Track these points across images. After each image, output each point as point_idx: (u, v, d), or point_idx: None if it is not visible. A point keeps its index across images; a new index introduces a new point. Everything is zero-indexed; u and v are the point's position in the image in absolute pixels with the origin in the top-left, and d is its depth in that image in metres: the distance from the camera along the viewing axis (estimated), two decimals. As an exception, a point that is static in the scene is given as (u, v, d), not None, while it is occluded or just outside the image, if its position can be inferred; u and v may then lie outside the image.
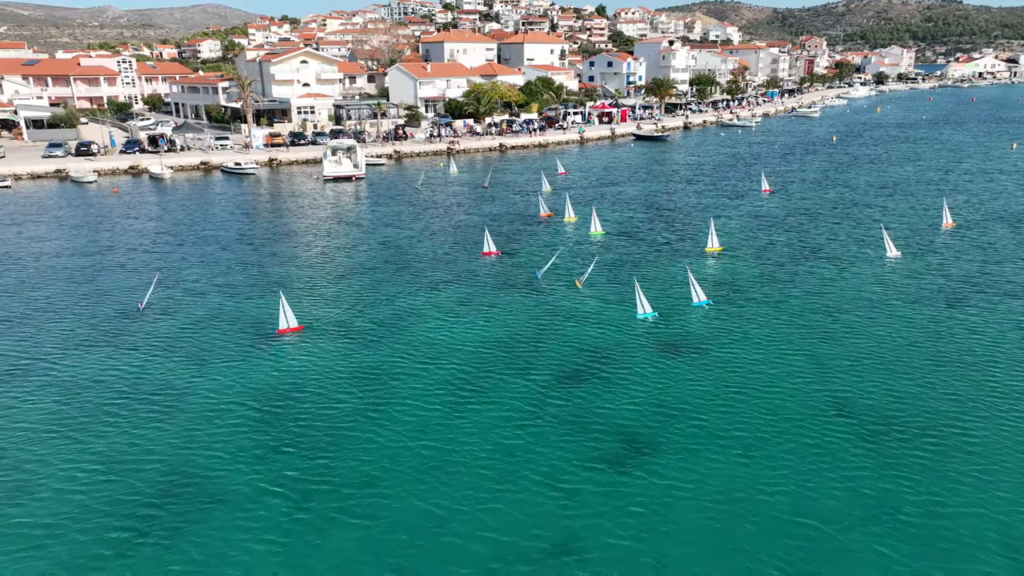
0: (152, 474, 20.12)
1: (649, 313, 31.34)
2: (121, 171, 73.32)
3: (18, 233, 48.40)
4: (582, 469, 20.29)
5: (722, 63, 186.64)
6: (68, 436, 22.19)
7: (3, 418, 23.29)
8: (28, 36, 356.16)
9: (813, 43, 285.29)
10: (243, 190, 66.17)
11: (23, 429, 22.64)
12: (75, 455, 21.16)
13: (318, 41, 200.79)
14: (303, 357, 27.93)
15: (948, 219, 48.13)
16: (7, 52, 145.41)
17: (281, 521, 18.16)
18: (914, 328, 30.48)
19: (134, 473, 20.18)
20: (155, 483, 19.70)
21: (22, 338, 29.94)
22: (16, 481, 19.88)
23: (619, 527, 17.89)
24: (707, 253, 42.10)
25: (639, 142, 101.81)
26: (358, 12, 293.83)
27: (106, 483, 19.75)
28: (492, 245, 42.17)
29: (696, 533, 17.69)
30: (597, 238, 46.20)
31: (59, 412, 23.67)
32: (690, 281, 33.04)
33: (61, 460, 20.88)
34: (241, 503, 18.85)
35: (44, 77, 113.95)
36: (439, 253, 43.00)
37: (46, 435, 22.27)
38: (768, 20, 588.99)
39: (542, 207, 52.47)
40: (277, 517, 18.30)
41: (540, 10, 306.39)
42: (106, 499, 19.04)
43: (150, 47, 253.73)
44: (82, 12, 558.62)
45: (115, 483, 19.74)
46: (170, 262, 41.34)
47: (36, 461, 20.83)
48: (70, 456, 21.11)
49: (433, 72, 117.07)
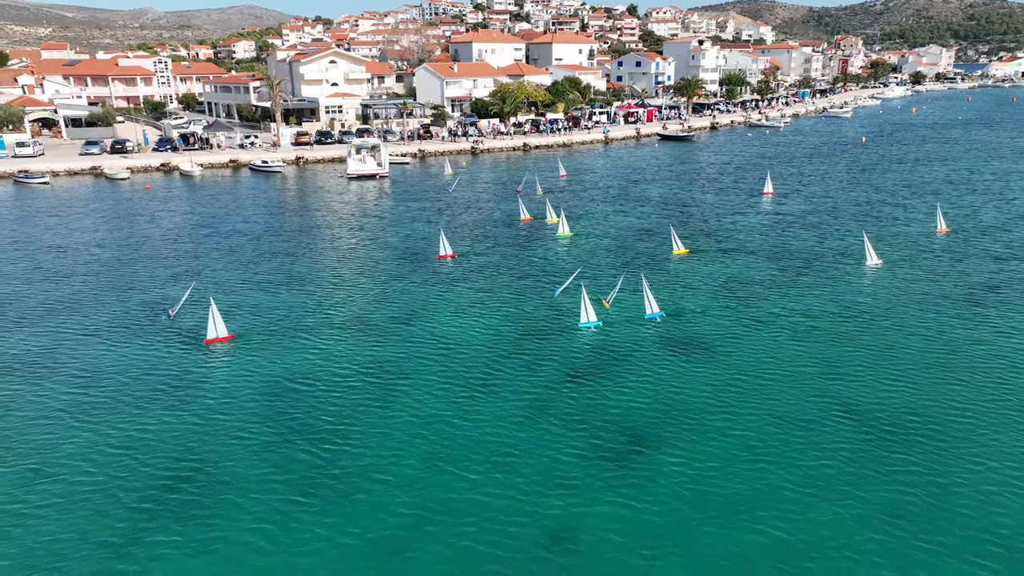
0: (165, 459, 20.99)
1: (594, 322, 30.52)
2: (153, 168, 75.43)
3: (56, 225, 50.29)
4: (582, 465, 20.59)
5: (753, 63, 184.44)
6: (89, 420, 23.29)
7: (31, 400, 24.49)
8: (72, 37, 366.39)
9: (848, 42, 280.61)
10: (269, 187, 67.63)
11: (48, 411, 23.80)
12: (96, 437, 22.22)
13: (350, 41, 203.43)
14: (318, 350, 28.76)
15: (942, 224, 47.30)
16: (50, 53, 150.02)
17: (284, 506, 18.84)
18: (891, 335, 30.29)
19: (149, 457, 21.11)
20: (168, 467, 20.58)
21: (53, 325, 31.30)
22: (41, 459, 20.97)
23: (615, 522, 18.19)
24: (673, 256, 41.76)
25: (664, 142, 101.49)
26: (390, 13, 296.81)
27: (121, 465, 20.71)
28: (448, 248, 41.91)
29: (692, 531, 17.88)
30: (565, 240, 46.23)
31: (82, 396, 24.82)
32: (644, 289, 32.17)
33: (82, 441, 21.94)
34: (247, 488, 19.60)
35: (84, 77, 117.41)
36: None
37: (70, 417, 23.39)
38: (803, 19, 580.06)
39: (522, 211, 51.80)
40: (281, 502, 19.00)
41: (571, 10, 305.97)
42: (121, 480, 19.98)
43: (187, 47, 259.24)
44: (123, 14, 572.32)
45: (130, 465, 20.69)
46: (195, 256, 42.66)
47: (59, 442, 21.92)
48: (91, 438, 22.16)
49: (460, 72, 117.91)
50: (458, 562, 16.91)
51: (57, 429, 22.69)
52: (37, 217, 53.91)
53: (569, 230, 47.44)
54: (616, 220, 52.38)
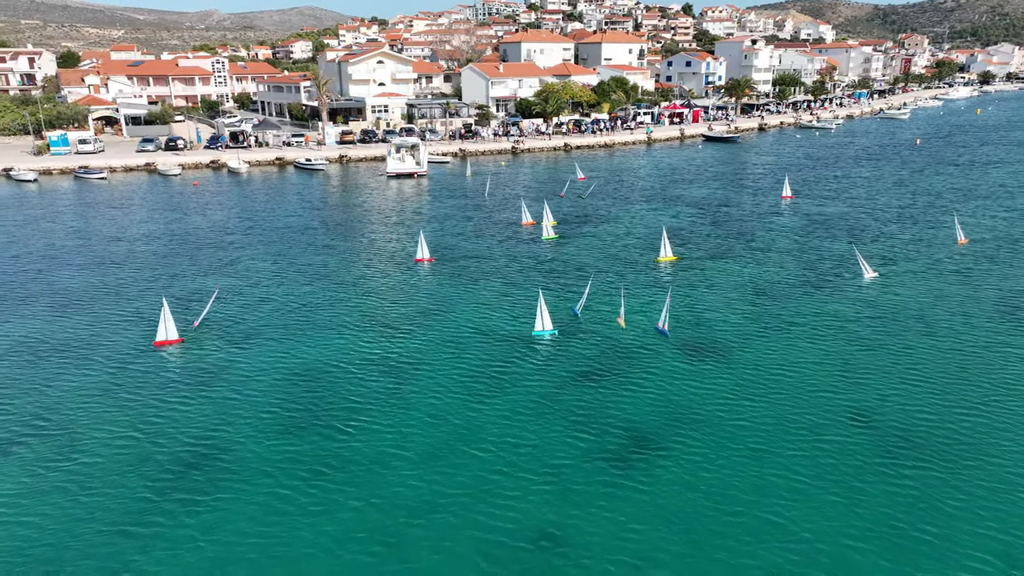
0: (180, 444, 22.11)
1: (549, 330, 30.10)
2: (203, 165, 78.46)
3: (103, 218, 53.04)
4: (582, 466, 20.81)
5: (809, 63, 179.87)
6: (116, 403, 24.73)
7: (67, 380, 26.12)
8: (142, 39, 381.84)
9: (913, 41, 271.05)
10: (310, 185, 69.58)
11: (76, 393, 25.35)
12: (121, 419, 23.60)
13: (403, 41, 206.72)
14: (330, 344, 29.78)
15: (961, 236, 45.02)
16: (118, 54, 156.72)
17: (288, 493, 19.66)
18: (883, 350, 29.50)
19: (166, 441, 22.28)
20: (182, 451, 21.70)
21: (93, 312, 33.20)
22: (68, 439, 22.40)
23: (610, 523, 18.35)
24: (657, 263, 41.05)
25: (708, 143, 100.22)
26: (444, 13, 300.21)
27: (139, 448, 21.96)
28: (427, 251, 41.74)
29: (686, 537, 17.89)
30: (549, 242, 46.03)
31: (111, 380, 26.34)
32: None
33: (107, 423, 23.32)
34: (254, 475, 20.52)
35: (146, 77, 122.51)
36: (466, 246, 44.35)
37: (98, 399, 24.89)
38: (868, 17, 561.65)
39: (524, 215, 51.28)
40: (285, 489, 19.83)
41: (624, 9, 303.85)
42: (137, 462, 21.19)
43: (247, 48, 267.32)
44: (191, 16, 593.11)
45: (149, 448, 21.92)
46: (230, 249, 44.45)
47: (86, 423, 23.36)
48: (116, 420, 23.54)
49: (505, 72, 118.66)
50: (448, 554, 17.33)
51: (85, 411, 24.14)
52: (93, 210, 56.90)
53: (553, 233, 47.12)
54: (619, 223, 52.19)
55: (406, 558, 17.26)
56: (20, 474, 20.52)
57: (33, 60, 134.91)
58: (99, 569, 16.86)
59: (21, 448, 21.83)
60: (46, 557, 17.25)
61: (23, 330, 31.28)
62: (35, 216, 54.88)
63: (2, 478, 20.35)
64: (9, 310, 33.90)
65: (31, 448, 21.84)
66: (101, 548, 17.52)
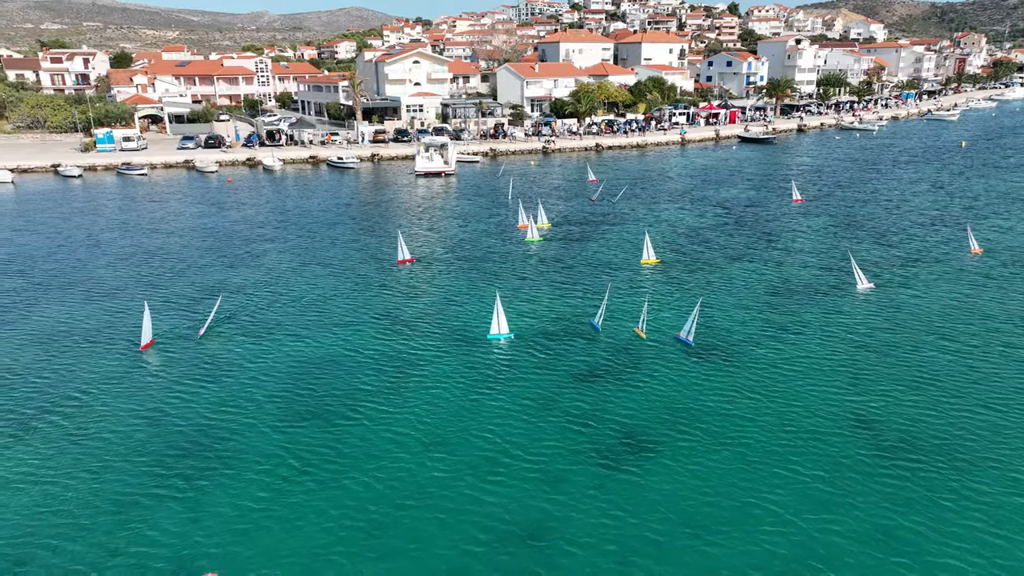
0: (182, 432, 23.00)
1: (504, 334, 29.88)
2: (240, 163, 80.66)
3: (149, 212, 55.14)
4: (575, 466, 20.93)
5: (855, 63, 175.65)
6: (127, 390, 25.90)
7: (86, 366, 27.43)
8: (196, 40, 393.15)
9: (970, 40, 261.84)
10: (341, 183, 70.99)
11: (91, 380, 26.60)
12: (133, 405, 24.71)
13: (445, 42, 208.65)
14: (342, 339, 30.57)
15: (975, 245, 43.13)
16: (169, 55, 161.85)
17: (281, 481, 20.32)
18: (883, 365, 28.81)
19: (170, 428, 23.22)
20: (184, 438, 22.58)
21: (120, 301, 34.71)
22: (78, 424, 23.55)
23: (597, 521, 18.44)
24: (641, 265, 40.54)
25: (743, 144, 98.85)
26: (487, 13, 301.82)
27: (144, 434, 22.97)
28: (407, 252, 41.44)
29: (671, 538, 17.89)
30: (534, 244, 45.78)
31: (128, 367, 27.57)
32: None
33: (119, 409, 24.41)
34: (251, 463, 21.23)
35: (192, 77, 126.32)
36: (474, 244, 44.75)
37: (115, 386, 26.09)
38: (924, 16, 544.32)
39: (521, 216, 50.62)
40: (278, 478, 20.48)
41: (668, 8, 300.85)
42: (142, 447, 22.16)
43: (294, 48, 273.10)
44: (242, 17, 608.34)
45: (152, 435, 22.90)
46: (258, 243, 45.81)
47: (101, 408, 24.52)
48: (127, 406, 24.64)
49: (541, 72, 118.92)
50: (429, 547, 17.67)
51: (100, 397, 25.34)
52: (131, 204, 59.21)
53: (538, 235, 46.90)
54: (620, 224, 51.89)
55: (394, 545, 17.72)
56: (40, 449, 21.74)
57: (87, 61, 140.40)
58: (101, 542, 17.82)
59: (42, 425, 23.10)
60: (58, 527, 18.29)
61: (56, 315, 32.96)
62: (78, 209, 57.33)
63: (24, 452, 21.57)
64: (48, 296, 35.71)
65: (53, 426, 23.10)
66: (105, 522, 18.54)
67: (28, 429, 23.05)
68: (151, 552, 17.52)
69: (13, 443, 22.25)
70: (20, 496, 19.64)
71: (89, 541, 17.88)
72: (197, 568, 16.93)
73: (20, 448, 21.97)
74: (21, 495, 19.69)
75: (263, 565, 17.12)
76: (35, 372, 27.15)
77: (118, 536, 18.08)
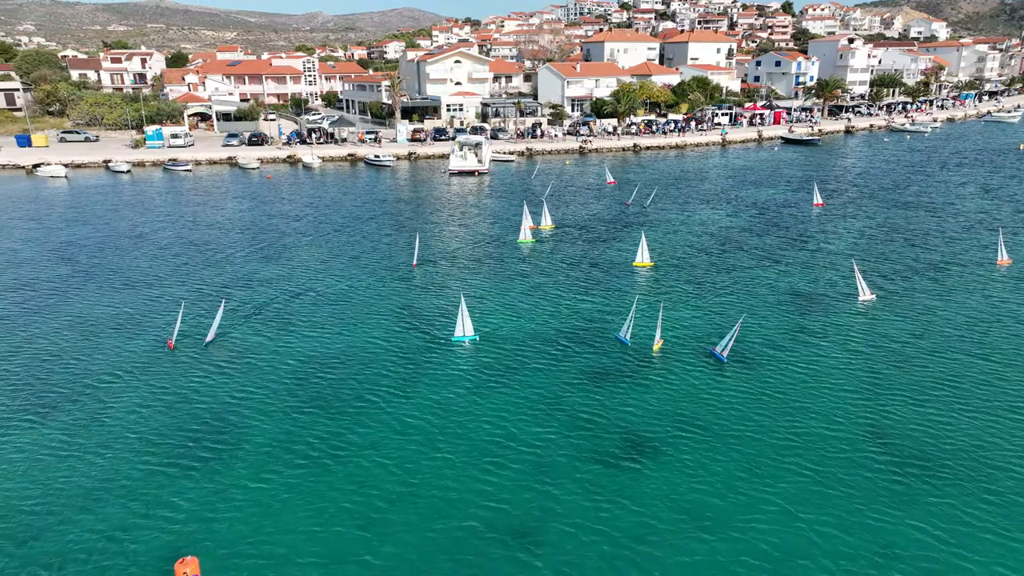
0: (194, 417, 23.86)
1: (470, 336, 29.68)
2: (280, 160, 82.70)
3: (189, 206, 57.17)
4: (574, 465, 20.95)
5: (912, 62, 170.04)
6: (140, 377, 27.02)
7: (112, 353, 28.71)
8: (252, 40, 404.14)
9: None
10: (377, 180, 72.18)
11: (109, 369, 27.80)
12: (146, 392, 25.81)
13: (492, 42, 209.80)
14: (351, 333, 31.23)
15: (1004, 255, 40.46)
16: (223, 55, 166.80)
17: (283, 469, 20.90)
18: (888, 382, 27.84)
19: (183, 414, 24.14)
20: (196, 424, 23.43)
21: (141, 293, 36.14)
22: (96, 408, 24.65)
23: (587, 523, 18.43)
24: (634, 267, 39.72)
25: (786, 146, 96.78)
26: (535, 13, 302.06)
27: (155, 420, 23.97)
28: (420, 255, 41.45)
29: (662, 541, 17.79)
30: (526, 246, 45.36)
31: (150, 355, 28.74)
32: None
33: (133, 396, 25.49)
34: (257, 449, 21.91)
35: (242, 76, 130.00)
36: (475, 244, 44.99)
37: (131, 374, 27.26)
38: (992, 13, 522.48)
39: (526, 217, 49.11)
40: (282, 465, 21.09)
41: (720, 7, 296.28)
42: (154, 431, 23.09)
43: (345, 48, 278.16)
44: (297, 18, 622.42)
45: (165, 419, 23.87)
46: (292, 236, 47.06)
47: (116, 395, 25.63)
48: (142, 392, 25.72)
49: (582, 72, 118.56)
50: (421, 539, 17.94)
51: (121, 382, 26.48)
52: (174, 198, 61.42)
53: (531, 237, 46.53)
54: (611, 226, 51.25)
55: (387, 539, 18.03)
56: (58, 434, 22.90)
57: (144, 60, 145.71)
58: (111, 518, 18.74)
59: (60, 413, 24.23)
60: (72, 506, 19.27)
61: (96, 302, 34.62)
62: (125, 202, 59.75)
63: (46, 434, 22.75)
64: (88, 285, 37.41)
65: (69, 413, 24.24)
66: (116, 500, 19.46)
67: (56, 408, 24.28)
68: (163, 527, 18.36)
69: (41, 420, 23.50)
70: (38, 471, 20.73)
71: (100, 515, 18.75)
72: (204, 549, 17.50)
73: (45, 426, 23.16)
74: (38, 470, 20.77)
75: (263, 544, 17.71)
76: (71, 354, 28.55)
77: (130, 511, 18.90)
